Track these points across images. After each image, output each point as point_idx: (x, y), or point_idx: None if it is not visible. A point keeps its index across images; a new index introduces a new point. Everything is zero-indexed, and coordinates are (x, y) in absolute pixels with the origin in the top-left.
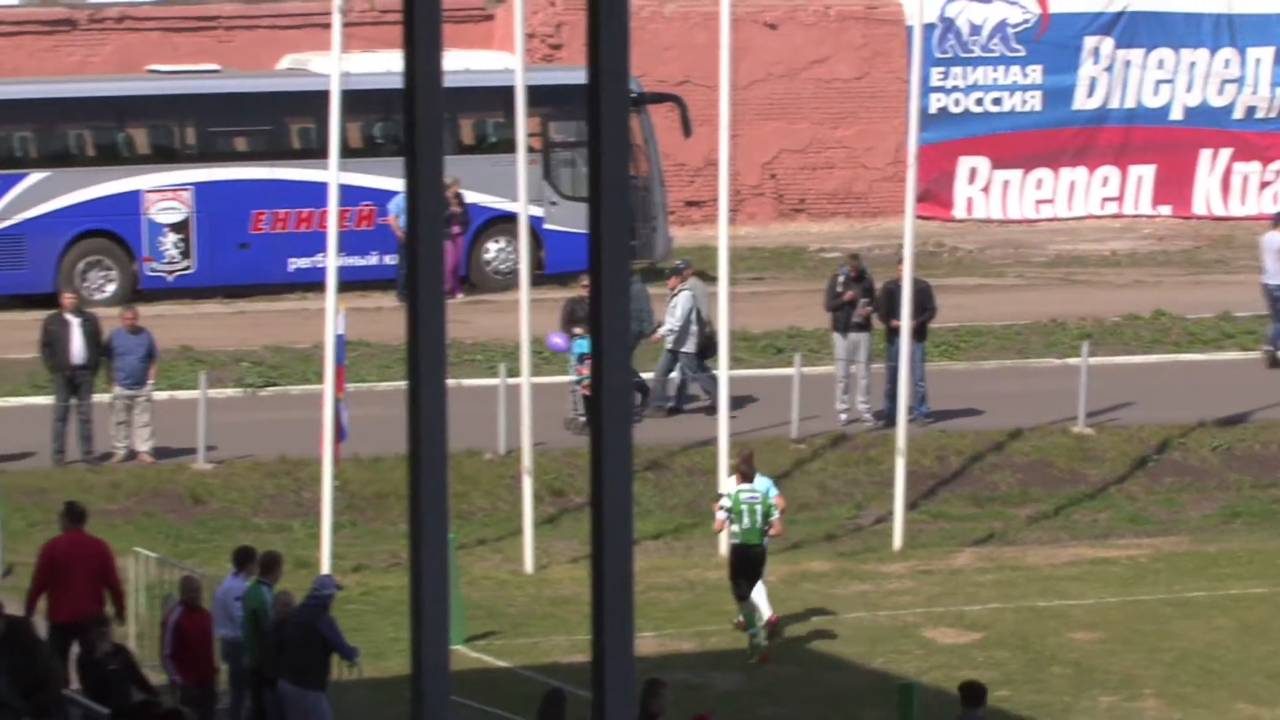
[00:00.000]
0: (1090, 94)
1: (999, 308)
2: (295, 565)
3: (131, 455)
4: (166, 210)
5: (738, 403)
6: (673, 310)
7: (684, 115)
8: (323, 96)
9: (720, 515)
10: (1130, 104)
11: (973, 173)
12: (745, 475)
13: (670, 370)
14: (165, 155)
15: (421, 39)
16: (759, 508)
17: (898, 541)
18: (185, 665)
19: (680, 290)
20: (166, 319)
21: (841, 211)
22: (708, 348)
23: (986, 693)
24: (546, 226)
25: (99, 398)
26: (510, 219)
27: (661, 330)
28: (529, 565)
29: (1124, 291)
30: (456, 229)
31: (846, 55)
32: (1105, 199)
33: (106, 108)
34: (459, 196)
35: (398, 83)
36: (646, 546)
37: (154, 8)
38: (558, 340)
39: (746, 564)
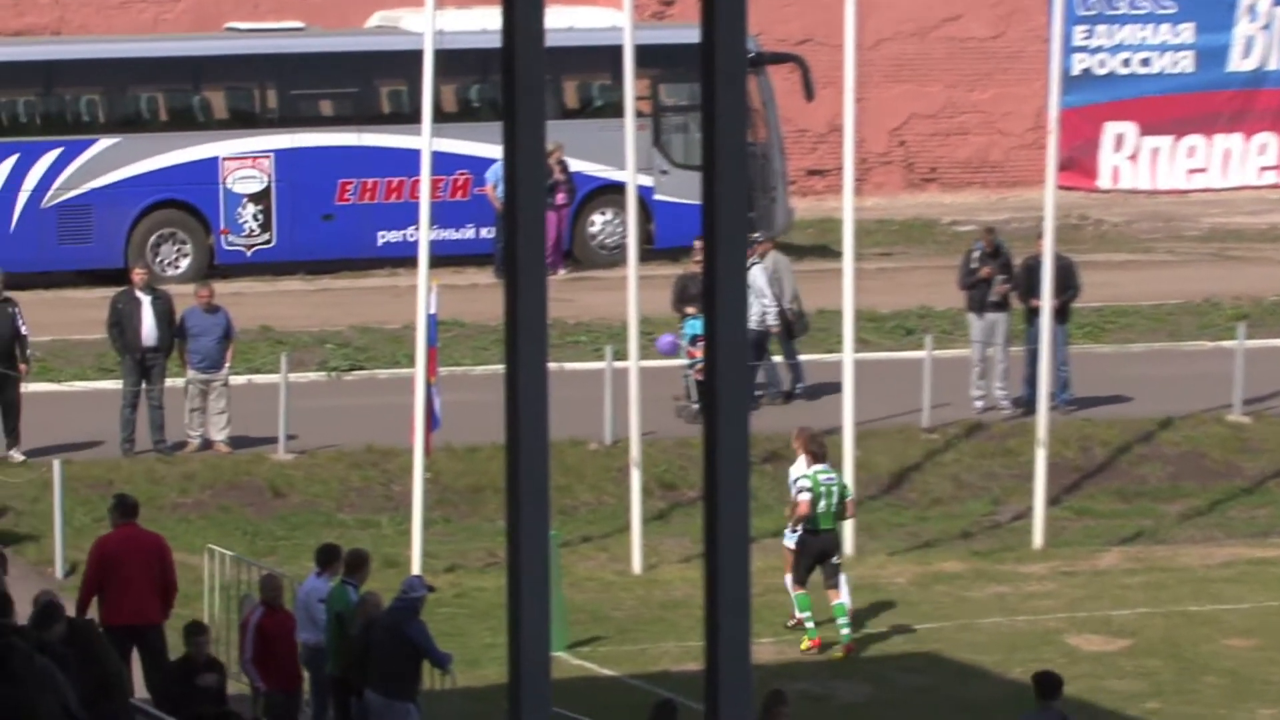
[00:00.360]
0: (1246, 54)
1: (1147, 286)
2: (383, 564)
3: (206, 445)
4: (245, 179)
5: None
6: (750, 285)
7: (806, 77)
8: (415, 56)
9: (805, 497)
10: None
11: (1119, 139)
12: (816, 455)
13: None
14: (244, 120)
15: None
16: (835, 489)
17: (1038, 540)
18: (268, 670)
19: (751, 267)
20: (245, 297)
21: (976, 181)
22: (792, 328)
23: (1062, 684)
24: (656, 197)
25: (171, 382)
26: (617, 189)
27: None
28: (637, 565)
29: None
30: (559, 199)
31: (981, 12)
32: (1263, 168)
33: (181, 68)
34: (562, 164)
35: (496, 42)
36: (765, 545)
37: None
38: (668, 342)
39: (820, 550)
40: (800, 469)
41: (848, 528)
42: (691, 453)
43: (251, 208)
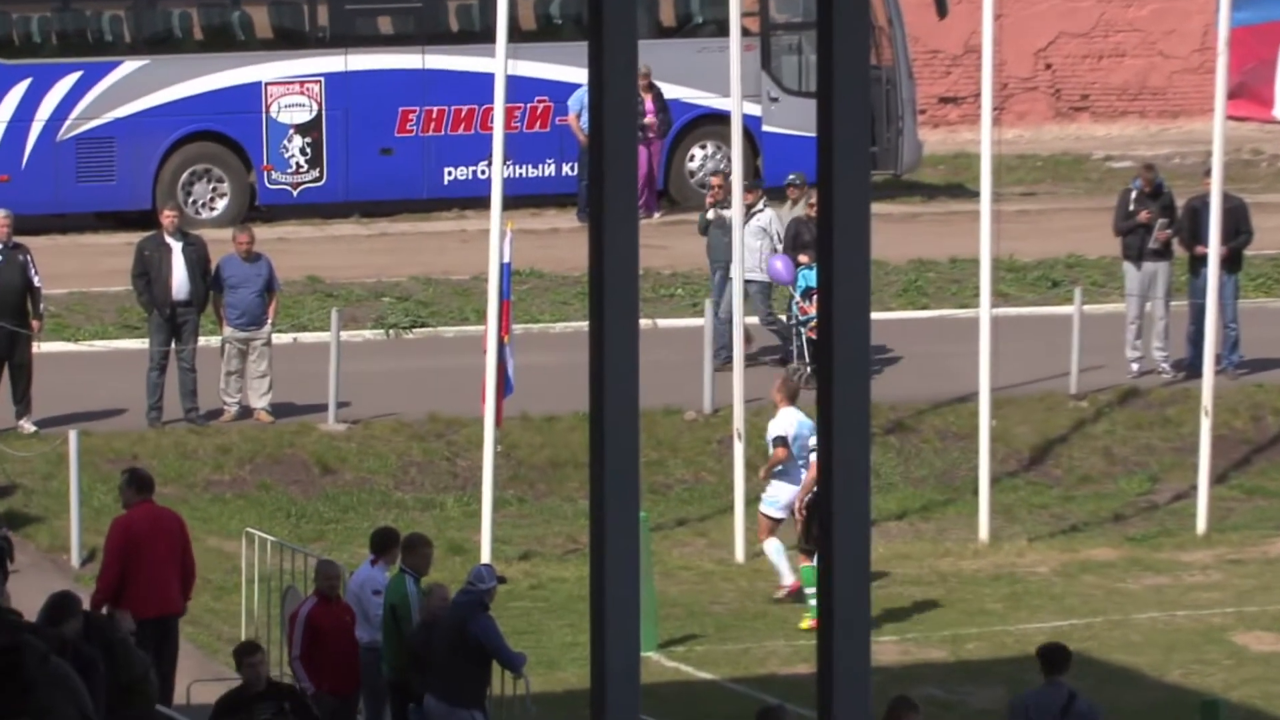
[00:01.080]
0: None
1: None
2: (447, 551)
3: (245, 413)
4: (292, 107)
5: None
6: (758, 233)
7: None
8: None
9: (814, 458)
10: None
11: None
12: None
13: (729, 313)
14: (291, 40)
15: None
16: None
17: (1202, 524)
18: (321, 670)
19: (764, 209)
20: (290, 243)
21: (1134, 110)
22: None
23: (1070, 657)
24: (765, 128)
25: (205, 341)
26: (720, 119)
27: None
28: (740, 552)
29: None
30: (652, 131)
31: None
32: None
33: None
34: (655, 91)
35: None
36: (887, 529)
37: None
38: (780, 267)
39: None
40: (786, 421)
41: (982, 508)
42: None
43: (299, 140)
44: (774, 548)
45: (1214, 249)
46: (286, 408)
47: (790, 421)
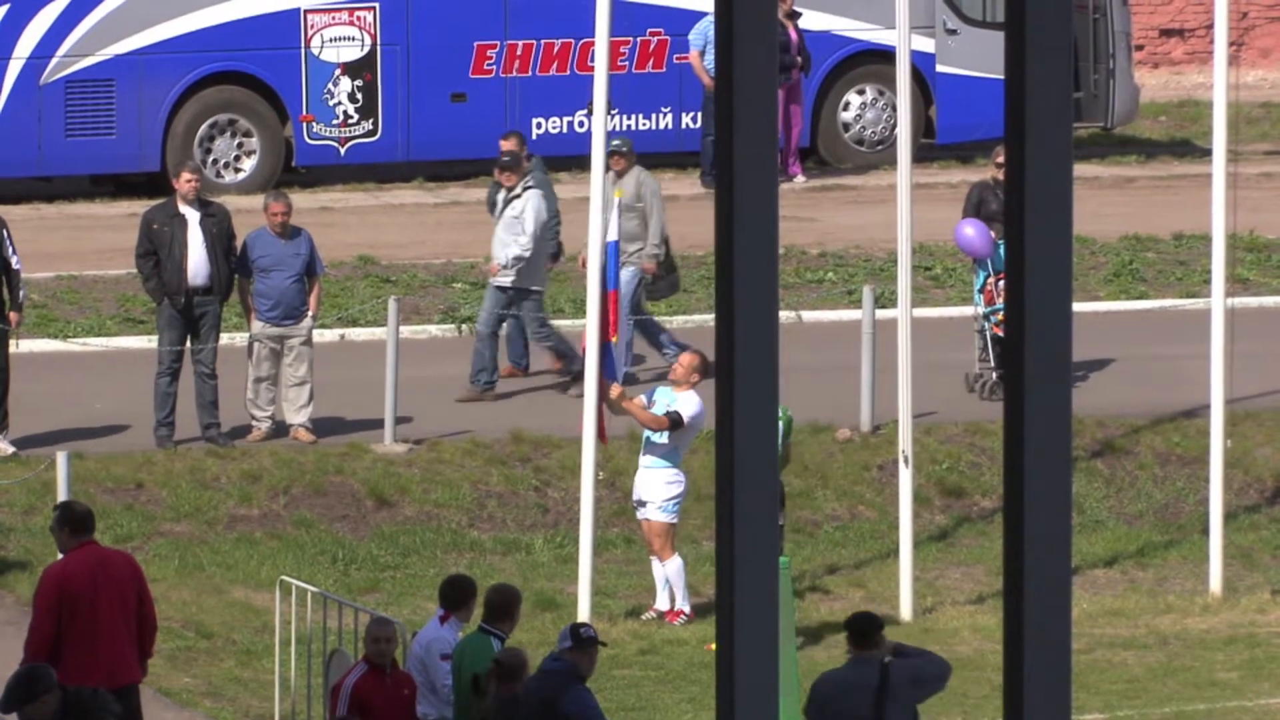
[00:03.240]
0: None
1: None
2: (534, 605)
3: (280, 430)
4: (339, 42)
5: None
6: (520, 220)
7: None
8: None
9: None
10: None
11: None
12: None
13: (497, 325)
14: None
15: None
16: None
17: None
18: None
19: (526, 189)
20: (336, 214)
21: None
22: (654, 283)
23: (881, 628)
24: (939, 68)
25: (229, 339)
26: (882, 56)
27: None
28: (906, 607)
29: None
30: (793, 72)
31: None
32: None
33: None
34: (795, 21)
35: None
36: (1093, 578)
37: None
38: (973, 234)
39: None
40: (689, 402)
41: (1213, 551)
42: (987, 443)
43: (347, 84)
44: (678, 568)
45: None
46: (331, 424)
47: (692, 403)
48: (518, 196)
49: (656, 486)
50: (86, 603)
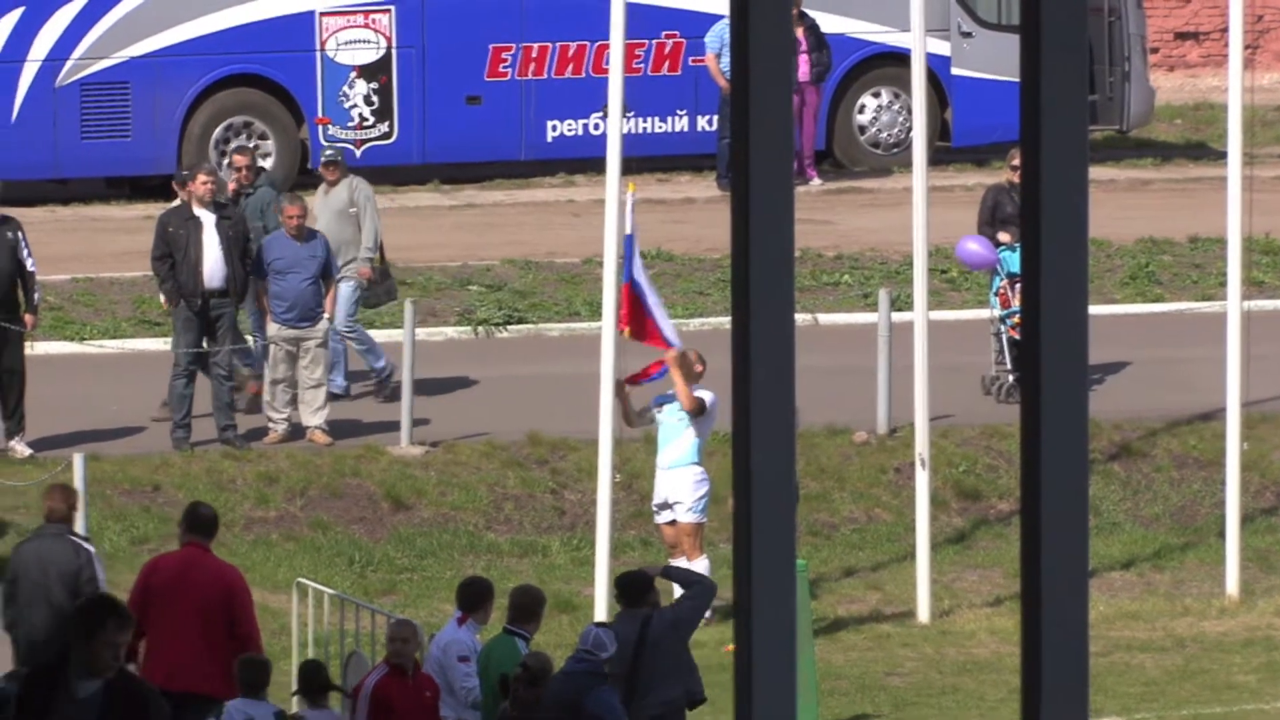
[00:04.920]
0: None
1: None
2: (552, 607)
3: (296, 433)
4: (354, 44)
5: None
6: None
7: None
8: None
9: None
10: None
11: None
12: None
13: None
14: None
15: None
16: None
17: None
18: None
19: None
20: None
21: None
22: (373, 290)
23: (650, 586)
24: (955, 71)
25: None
26: (898, 59)
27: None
28: (924, 610)
29: None
30: (805, 75)
31: None
32: None
33: None
34: (809, 24)
35: None
36: (1110, 581)
37: None
38: (975, 248)
39: None
40: (704, 393)
41: (1230, 554)
42: (1004, 446)
43: (362, 86)
44: (705, 569)
45: None
46: (348, 426)
47: (707, 393)
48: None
49: (685, 487)
50: (165, 601)
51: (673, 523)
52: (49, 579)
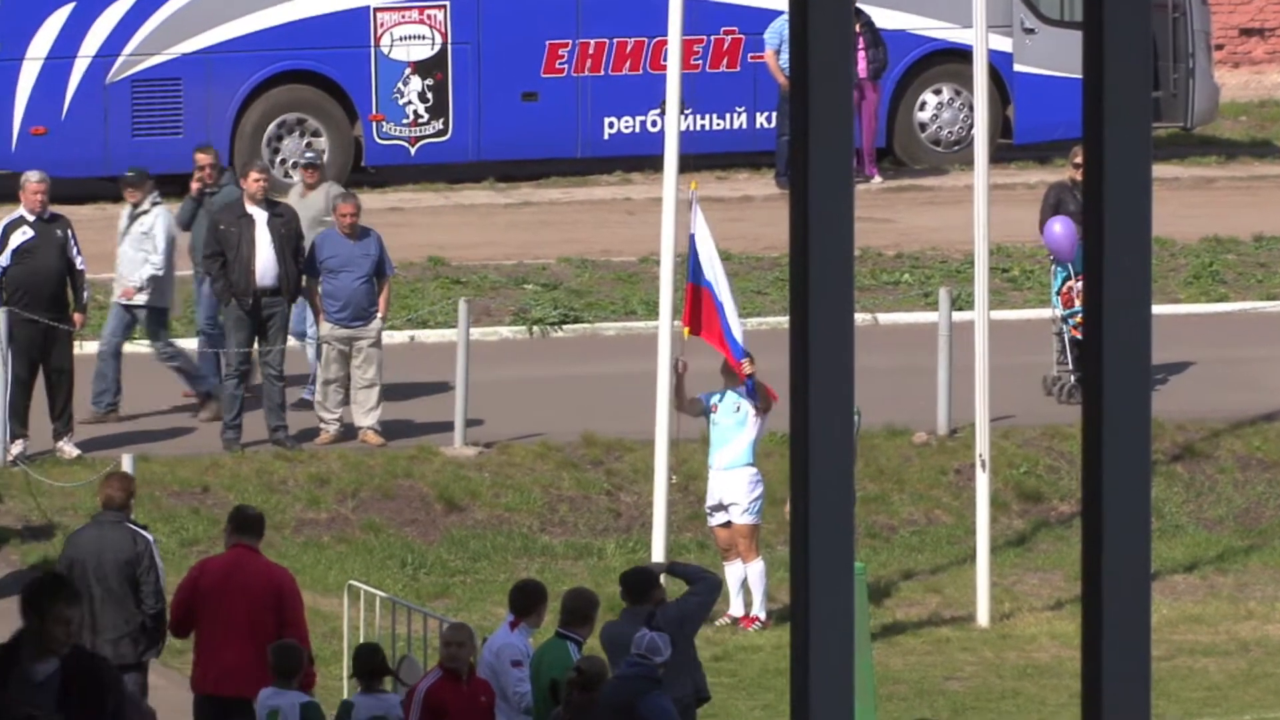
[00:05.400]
0: None
1: None
2: (606, 610)
3: (348, 433)
4: (409, 40)
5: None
6: (150, 237)
7: None
8: None
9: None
10: None
11: None
12: None
13: (119, 346)
14: None
15: None
16: None
17: None
18: None
19: (152, 207)
20: (406, 214)
21: None
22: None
23: (655, 583)
24: (1018, 68)
25: (297, 342)
26: (959, 55)
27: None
28: (983, 614)
29: None
30: (864, 71)
31: None
32: None
33: None
34: (867, 21)
35: None
36: (1173, 584)
37: None
38: (1060, 231)
39: None
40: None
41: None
42: (1065, 447)
43: (417, 82)
44: (760, 571)
45: None
46: (401, 426)
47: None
48: (145, 213)
49: (741, 489)
50: (213, 603)
51: (727, 524)
52: (105, 566)
